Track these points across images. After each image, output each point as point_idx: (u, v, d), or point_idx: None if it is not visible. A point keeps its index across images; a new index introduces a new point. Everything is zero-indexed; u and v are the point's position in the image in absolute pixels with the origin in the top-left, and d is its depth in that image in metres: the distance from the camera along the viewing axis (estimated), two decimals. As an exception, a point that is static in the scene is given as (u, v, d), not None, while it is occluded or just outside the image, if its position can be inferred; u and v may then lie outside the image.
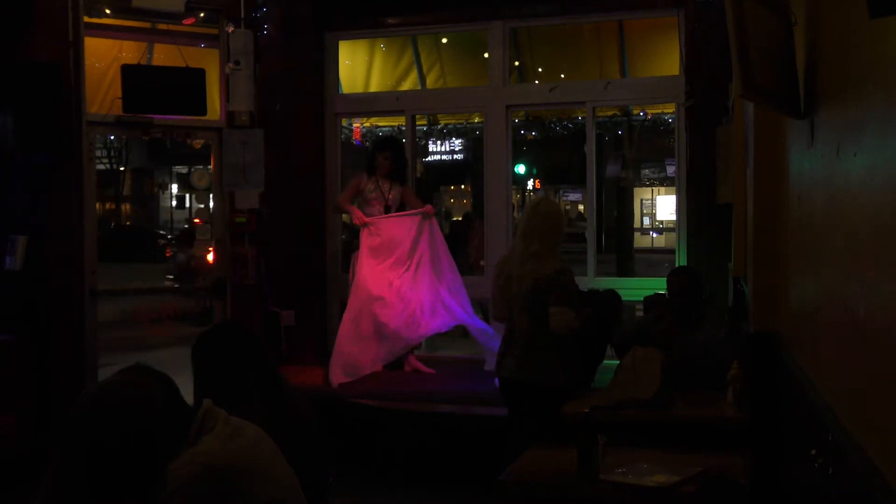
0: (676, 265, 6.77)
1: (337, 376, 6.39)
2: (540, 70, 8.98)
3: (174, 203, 33.31)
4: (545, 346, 4.65)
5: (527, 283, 4.70)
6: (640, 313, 7.25)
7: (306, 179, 7.44)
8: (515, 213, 8.03)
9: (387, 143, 7.07)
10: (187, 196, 30.81)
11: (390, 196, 6.76)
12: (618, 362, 4.83)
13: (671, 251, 7.48)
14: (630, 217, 18.05)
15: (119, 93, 6.41)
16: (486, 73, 7.40)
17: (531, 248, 4.76)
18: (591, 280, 6.78)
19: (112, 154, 31.43)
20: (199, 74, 6.53)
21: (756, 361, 3.86)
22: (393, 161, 6.77)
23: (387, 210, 6.77)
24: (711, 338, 4.75)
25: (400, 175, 6.86)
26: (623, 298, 7.67)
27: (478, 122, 9.82)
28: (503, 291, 4.87)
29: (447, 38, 8.60)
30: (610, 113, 10.28)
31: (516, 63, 8.47)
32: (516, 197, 21.80)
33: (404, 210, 6.84)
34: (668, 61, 7.32)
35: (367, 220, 6.65)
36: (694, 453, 3.63)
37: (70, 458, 1.98)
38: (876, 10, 1.47)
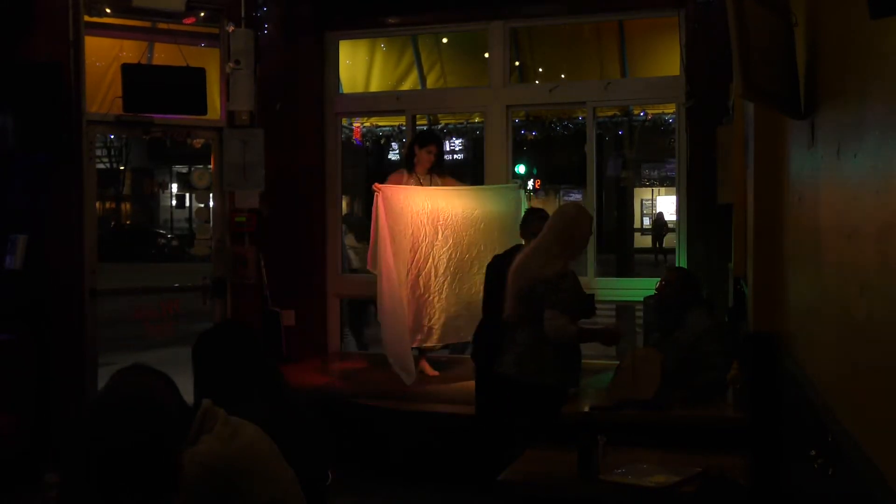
0: (676, 265, 6.79)
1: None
2: (540, 70, 8.97)
3: (174, 203, 33.34)
4: (545, 347, 4.64)
5: (528, 279, 4.69)
6: (639, 313, 7.26)
7: (306, 179, 7.45)
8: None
9: (431, 137, 6.85)
10: (187, 196, 30.83)
11: None
12: (617, 363, 4.84)
13: (671, 251, 7.47)
14: (630, 217, 18.05)
15: (119, 92, 6.40)
16: (487, 73, 7.40)
17: (536, 241, 4.80)
18: (592, 280, 6.78)
19: (112, 153, 31.44)
20: (200, 74, 6.53)
21: (756, 361, 3.86)
22: (437, 155, 6.66)
23: None
24: (696, 327, 4.73)
25: (439, 168, 6.74)
26: (623, 298, 7.70)
27: (478, 122, 9.80)
28: (508, 288, 4.88)
29: (447, 38, 8.60)
30: (610, 113, 10.25)
31: (516, 63, 8.46)
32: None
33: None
34: (668, 61, 7.32)
35: (380, 185, 6.33)
36: (694, 453, 3.62)
37: (81, 468, 1.93)
38: (877, 11, 1.47)
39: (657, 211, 30.18)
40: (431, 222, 6.42)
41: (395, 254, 6.20)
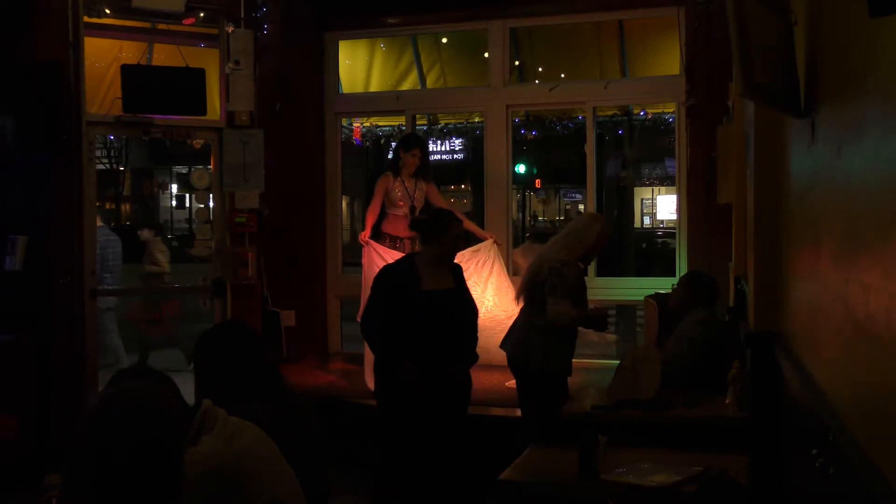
0: (676, 265, 6.80)
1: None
2: (540, 70, 8.98)
3: (174, 203, 33.32)
4: (535, 333, 4.78)
5: (536, 264, 4.86)
6: (640, 312, 7.25)
7: (306, 179, 7.45)
8: (515, 215, 7.99)
9: (415, 142, 6.81)
10: (187, 196, 30.82)
11: (416, 195, 6.63)
12: (617, 362, 4.87)
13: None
14: (630, 217, 18.06)
15: (119, 93, 6.40)
16: (486, 73, 7.40)
17: (556, 235, 4.99)
18: (592, 280, 6.78)
19: (112, 154, 31.42)
20: (199, 74, 6.53)
21: (756, 361, 3.85)
22: (422, 159, 6.62)
23: (412, 211, 6.62)
24: (693, 322, 4.78)
25: (425, 172, 6.71)
26: (623, 298, 7.70)
27: (478, 122, 9.81)
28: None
29: (447, 37, 8.60)
30: (610, 112, 10.28)
31: (516, 63, 8.46)
32: (517, 197, 21.77)
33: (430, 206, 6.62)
34: (668, 60, 7.31)
35: (369, 240, 6.39)
36: (694, 453, 3.63)
37: (83, 470, 1.89)
38: (876, 10, 1.47)
39: (656, 211, 30.16)
40: None
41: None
